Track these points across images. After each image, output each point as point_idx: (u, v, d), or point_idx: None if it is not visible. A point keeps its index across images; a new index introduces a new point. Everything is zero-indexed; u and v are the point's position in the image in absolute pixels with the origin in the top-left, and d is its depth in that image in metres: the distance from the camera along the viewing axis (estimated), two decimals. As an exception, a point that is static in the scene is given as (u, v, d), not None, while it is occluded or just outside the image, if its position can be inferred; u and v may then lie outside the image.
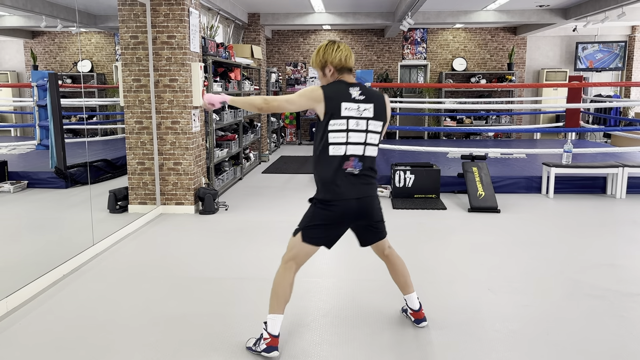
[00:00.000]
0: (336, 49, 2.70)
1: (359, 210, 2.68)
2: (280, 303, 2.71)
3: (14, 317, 3.21)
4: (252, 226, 5.31)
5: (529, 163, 8.02)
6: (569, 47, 12.93)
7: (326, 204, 2.64)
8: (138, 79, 5.66)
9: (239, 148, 8.02)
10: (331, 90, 2.63)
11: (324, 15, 10.92)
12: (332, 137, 2.59)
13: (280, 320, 2.72)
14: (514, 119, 13.06)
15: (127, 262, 4.27)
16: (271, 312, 2.72)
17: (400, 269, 3.01)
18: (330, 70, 2.71)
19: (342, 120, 2.59)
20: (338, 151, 2.60)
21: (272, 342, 2.69)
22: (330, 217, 2.66)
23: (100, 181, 6.90)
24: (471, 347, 2.83)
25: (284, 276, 2.73)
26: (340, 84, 2.67)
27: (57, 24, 5.84)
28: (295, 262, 2.74)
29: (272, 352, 2.69)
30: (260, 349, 2.71)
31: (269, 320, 2.71)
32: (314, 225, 2.69)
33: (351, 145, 2.61)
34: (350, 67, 2.72)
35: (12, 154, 6.70)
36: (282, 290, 2.71)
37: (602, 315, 3.23)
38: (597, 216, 5.73)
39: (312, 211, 2.71)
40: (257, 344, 2.73)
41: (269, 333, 2.69)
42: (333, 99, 2.60)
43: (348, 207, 2.64)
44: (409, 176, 6.53)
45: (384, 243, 2.96)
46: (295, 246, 2.73)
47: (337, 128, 2.59)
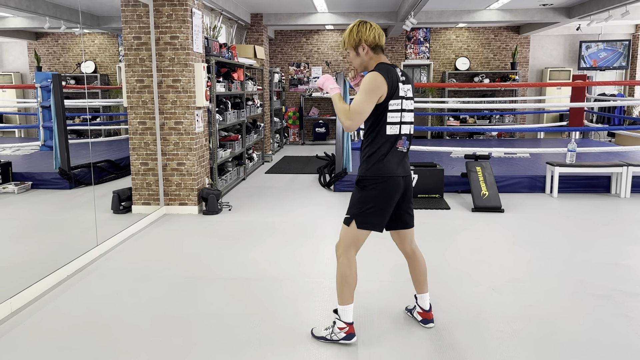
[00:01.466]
0: (369, 28, 2.73)
1: (405, 187, 2.78)
2: (351, 292, 2.80)
3: (18, 317, 3.22)
4: (255, 226, 5.32)
5: (532, 162, 8.00)
6: (573, 46, 12.89)
7: (377, 183, 2.69)
8: (141, 79, 5.67)
9: (242, 148, 8.03)
10: (386, 73, 2.66)
11: (326, 15, 10.91)
12: (390, 116, 2.68)
13: (352, 308, 2.82)
14: (517, 119, 13.03)
15: (131, 262, 4.27)
16: (343, 303, 2.80)
17: (423, 267, 3.03)
18: (364, 48, 2.74)
19: (399, 100, 2.68)
20: (394, 130, 2.70)
21: (350, 329, 2.81)
22: (381, 197, 2.70)
23: (104, 182, 6.92)
24: (475, 347, 2.82)
25: (350, 266, 2.78)
26: (387, 66, 2.71)
27: (61, 25, 5.86)
28: (355, 248, 2.80)
29: (352, 338, 2.81)
30: (340, 337, 2.81)
31: (342, 311, 2.80)
32: (367, 209, 2.72)
33: (404, 124, 2.73)
34: (382, 45, 2.77)
35: (16, 155, 6.73)
36: (352, 279, 2.79)
37: (607, 315, 3.21)
38: (602, 215, 5.71)
39: (362, 196, 2.74)
40: (334, 334, 2.82)
41: (345, 322, 2.80)
42: (392, 80, 2.65)
43: (397, 183, 2.72)
44: (412, 176, 6.51)
45: (412, 234, 2.98)
46: (350, 234, 2.77)
47: (395, 108, 2.68)
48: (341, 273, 2.78)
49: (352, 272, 2.78)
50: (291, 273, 3.98)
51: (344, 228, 2.80)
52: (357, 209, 2.74)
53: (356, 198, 2.76)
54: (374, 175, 2.70)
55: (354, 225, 2.75)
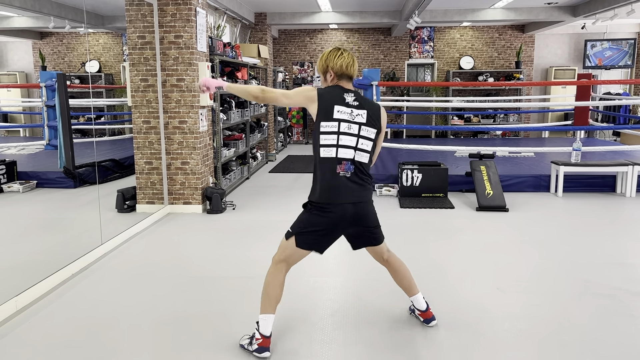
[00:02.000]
0: (339, 56, 2.71)
1: (355, 215, 2.67)
2: (271, 303, 2.72)
3: (23, 316, 3.23)
4: (259, 225, 5.32)
5: (537, 161, 7.97)
6: (578, 45, 12.84)
7: (322, 209, 2.64)
8: (145, 78, 5.68)
9: (246, 147, 8.03)
10: (326, 92, 2.69)
11: (330, 14, 10.90)
12: (323, 139, 2.63)
13: (272, 321, 2.73)
14: (522, 118, 12.98)
15: (135, 261, 4.28)
16: (262, 312, 2.73)
17: (403, 272, 3.00)
18: (331, 75, 2.73)
19: (334, 122, 2.63)
20: (329, 153, 2.62)
21: (264, 342, 2.70)
22: (325, 223, 2.65)
23: (109, 181, 6.93)
24: (480, 346, 2.81)
25: (275, 277, 2.74)
26: (335, 88, 2.71)
27: (65, 25, 5.87)
28: (286, 263, 2.76)
29: (264, 352, 2.70)
30: (252, 349, 2.72)
31: (261, 321, 2.72)
32: (309, 231, 2.69)
33: (342, 148, 2.63)
34: (350, 74, 2.73)
35: (21, 154, 6.75)
36: (273, 290, 2.73)
37: (612, 314, 3.20)
38: (607, 215, 5.68)
39: (307, 217, 2.70)
40: (250, 344, 2.74)
41: (260, 334, 2.70)
42: (326, 100, 2.64)
43: (344, 211, 2.63)
44: (416, 175, 6.51)
45: (382, 248, 2.93)
46: (288, 249, 2.73)
47: (328, 130, 2.63)
48: (266, 282, 2.76)
49: (274, 283, 2.73)
50: (294, 272, 3.97)
51: (283, 240, 2.77)
52: (299, 228, 2.71)
53: (301, 216, 2.74)
54: (316, 200, 2.65)
55: (293, 241, 2.71)
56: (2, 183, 5.89)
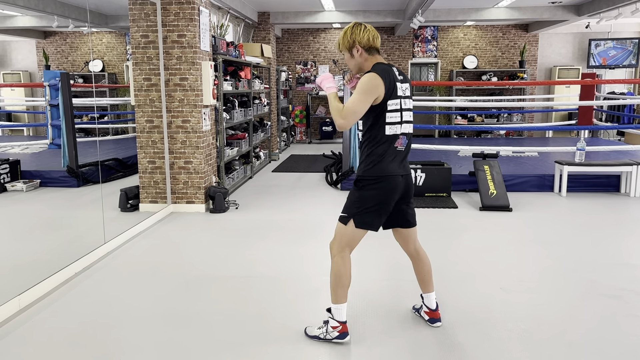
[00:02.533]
0: (364, 29, 2.71)
1: (404, 187, 2.76)
2: (345, 291, 2.78)
3: (26, 314, 3.23)
4: (262, 225, 5.31)
5: (541, 161, 7.94)
6: (582, 44, 12.79)
7: (376, 182, 2.67)
8: (149, 78, 5.68)
9: (249, 147, 8.03)
10: (383, 73, 2.63)
11: (334, 13, 10.89)
12: (390, 116, 2.66)
13: (346, 307, 2.80)
14: (525, 117, 12.95)
15: (138, 260, 4.28)
16: (336, 301, 2.78)
17: (427, 267, 3.02)
18: (359, 50, 2.73)
19: (397, 100, 2.66)
20: (393, 130, 2.67)
21: (344, 328, 2.79)
22: (380, 196, 2.69)
23: (112, 180, 6.94)
24: (484, 346, 2.80)
25: (344, 265, 2.76)
26: (384, 66, 2.69)
27: (69, 24, 5.87)
28: (350, 248, 2.78)
29: (346, 337, 2.80)
30: (333, 337, 2.80)
31: (335, 310, 2.78)
32: (366, 209, 2.71)
33: (404, 124, 2.71)
34: (377, 47, 2.75)
35: (25, 153, 6.76)
36: (347, 278, 2.77)
37: (617, 315, 3.18)
38: (611, 215, 5.66)
39: (361, 195, 2.72)
40: (326, 333, 2.81)
41: (338, 321, 2.78)
42: (390, 80, 2.63)
43: (396, 183, 2.70)
44: (419, 175, 6.50)
45: (414, 234, 2.96)
46: (347, 233, 2.75)
47: (394, 107, 2.66)
48: (335, 272, 2.76)
49: (346, 271, 2.75)
50: (298, 271, 3.97)
51: (340, 227, 2.77)
52: (356, 208, 2.72)
53: (354, 197, 2.75)
54: (373, 175, 2.68)
55: (351, 224, 2.73)
56: (5, 182, 5.91)
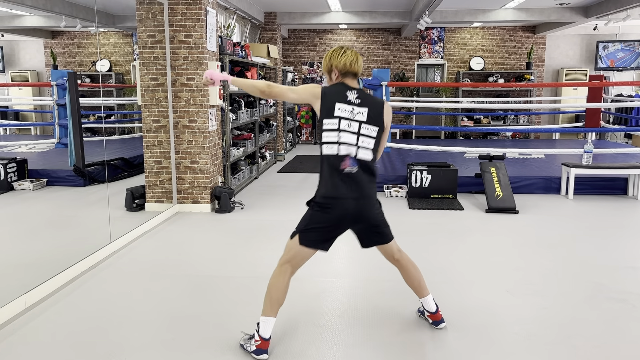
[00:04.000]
0: (342, 54, 2.72)
1: (357, 211, 2.65)
2: (273, 306, 2.71)
3: (32, 313, 3.25)
4: (267, 225, 5.31)
5: (547, 163, 7.90)
6: (590, 46, 12.72)
7: (323, 205, 2.65)
8: (155, 78, 5.69)
9: (255, 147, 8.04)
10: (329, 89, 2.71)
11: (340, 14, 10.89)
12: (325, 135, 2.66)
13: (272, 323, 2.71)
14: (532, 119, 12.89)
15: (144, 260, 4.29)
16: (264, 314, 2.72)
17: (413, 272, 2.98)
18: (336, 74, 2.75)
19: (335, 119, 2.64)
20: (331, 150, 2.65)
21: (262, 345, 2.69)
22: (327, 219, 2.65)
23: (118, 179, 6.96)
24: (489, 349, 2.78)
25: (279, 279, 2.72)
26: (339, 86, 2.72)
27: (77, 24, 5.90)
28: (291, 264, 2.74)
29: (261, 354, 2.69)
30: (251, 350, 2.72)
31: (262, 323, 2.71)
32: (311, 228, 2.69)
33: (343, 145, 2.64)
34: (354, 72, 2.73)
35: (32, 152, 6.79)
36: (276, 293, 2.71)
37: (623, 318, 3.16)
38: (618, 218, 5.62)
39: (310, 214, 2.71)
40: (249, 344, 2.74)
41: (260, 336, 2.69)
42: (328, 98, 2.67)
43: (345, 207, 2.63)
44: (425, 176, 6.48)
45: (392, 247, 2.91)
46: (292, 249, 2.73)
47: (330, 127, 2.65)
48: (270, 283, 2.74)
49: (279, 286, 2.71)
50: (303, 272, 3.95)
51: (288, 241, 2.77)
52: (303, 226, 2.71)
53: (306, 215, 2.74)
54: (321, 195, 2.66)
55: (296, 239, 2.71)
56: (13, 181, 5.94)
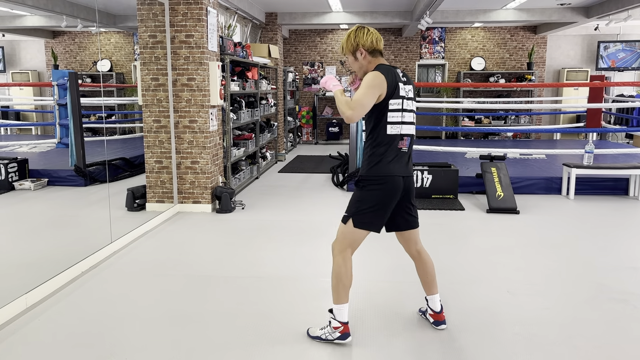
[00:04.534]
0: (367, 32, 2.74)
1: (405, 188, 2.74)
2: (346, 291, 2.78)
3: (33, 313, 3.25)
4: (268, 225, 5.31)
5: (548, 164, 7.90)
6: (591, 46, 12.71)
7: (377, 183, 2.67)
8: (156, 78, 5.69)
9: (256, 147, 8.04)
10: (387, 72, 2.67)
11: (341, 14, 10.89)
12: (391, 116, 2.67)
13: (347, 308, 2.80)
14: (533, 119, 12.88)
15: (145, 260, 4.29)
16: (338, 302, 2.78)
17: (430, 268, 3.00)
18: (362, 53, 2.75)
19: (399, 100, 2.67)
20: (395, 130, 2.68)
21: (345, 329, 2.79)
22: (380, 197, 2.68)
23: (119, 179, 6.97)
24: (490, 350, 2.78)
25: (345, 265, 2.76)
26: (387, 67, 2.71)
27: (77, 24, 5.90)
28: (351, 248, 2.79)
29: (347, 338, 2.79)
30: (334, 337, 2.79)
31: (336, 310, 2.78)
32: (365, 209, 2.71)
33: (405, 124, 2.70)
34: (380, 49, 2.77)
35: (33, 152, 6.80)
36: (347, 278, 2.76)
37: (625, 319, 3.15)
38: (619, 218, 5.61)
39: (361, 195, 2.73)
40: (328, 333, 2.80)
41: (340, 322, 2.78)
42: (392, 79, 2.66)
43: (397, 184, 2.69)
44: (426, 176, 6.48)
45: (416, 235, 2.95)
46: (348, 233, 2.76)
47: (396, 107, 2.67)
48: (336, 272, 2.77)
49: (347, 271, 2.75)
50: (304, 272, 3.96)
51: (341, 226, 2.78)
52: (356, 208, 2.73)
53: (355, 197, 2.75)
54: (374, 175, 2.69)
55: (351, 224, 2.73)
56: (14, 181, 5.94)
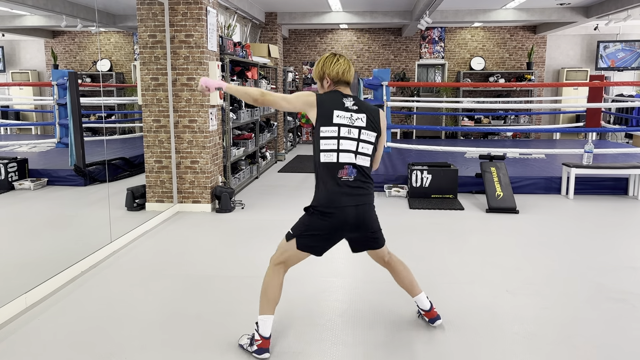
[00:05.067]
0: (335, 62, 2.71)
1: (356, 219, 2.63)
2: (270, 304, 2.72)
3: (32, 312, 3.25)
4: (268, 225, 5.32)
5: (548, 163, 7.90)
6: (590, 46, 12.72)
7: (324, 214, 2.61)
8: (156, 77, 5.70)
9: (256, 147, 8.04)
10: (325, 97, 2.68)
11: (341, 14, 10.89)
12: (324, 144, 2.61)
13: (271, 321, 2.72)
14: (533, 119, 12.89)
15: (144, 259, 4.29)
16: (262, 313, 2.72)
17: (404, 273, 2.98)
18: (328, 82, 2.74)
19: (334, 127, 2.61)
20: (330, 158, 2.60)
21: (264, 343, 2.69)
22: (327, 227, 2.63)
23: (118, 179, 6.96)
24: (489, 349, 2.79)
25: (274, 278, 2.73)
26: (334, 93, 2.70)
27: (77, 24, 5.90)
28: (285, 265, 2.75)
29: (263, 353, 2.70)
30: (252, 350, 2.71)
31: (260, 322, 2.71)
32: (310, 234, 2.67)
33: (343, 152, 2.60)
34: (347, 80, 2.73)
35: (33, 152, 6.80)
36: (272, 291, 2.72)
37: (624, 319, 3.16)
38: (619, 218, 5.62)
39: (309, 220, 2.68)
40: (250, 344, 2.74)
41: (260, 335, 2.70)
42: (325, 106, 2.64)
43: (345, 215, 2.60)
44: (426, 176, 6.48)
45: (383, 251, 2.92)
46: (288, 251, 2.72)
47: (328, 135, 2.61)
48: (265, 283, 2.74)
49: (274, 285, 2.72)
50: (303, 272, 3.96)
51: (283, 242, 2.75)
52: (300, 231, 2.69)
53: (303, 220, 2.71)
54: (319, 204, 2.63)
55: (294, 243, 2.70)
56: (13, 180, 5.94)
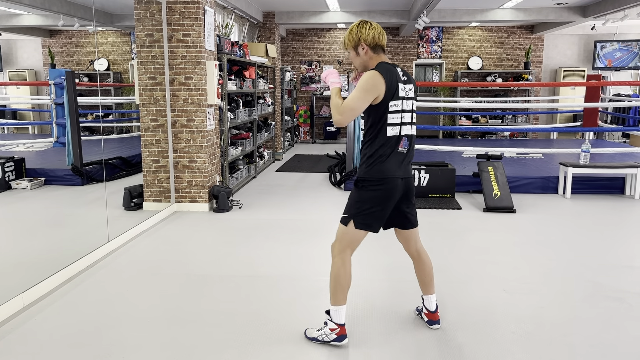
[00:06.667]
0: (369, 27, 2.70)
1: (404, 189, 2.73)
2: (344, 293, 2.77)
3: (29, 312, 3.25)
4: (265, 224, 5.32)
5: (545, 163, 7.92)
6: (587, 46, 12.74)
7: (376, 184, 2.66)
8: (153, 77, 5.69)
9: (253, 146, 8.04)
10: (386, 72, 2.61)
11: (338, 13, 10.89)
12: (391, 117, 2.64)
13: (345, 310, 2.78)
14: (530, 119, 12.91)
15: (142, 259, 4.29)
16: (335, 303, 2.77)
17: (429, 269, 3.00)
18: (364, 48, 2.72)
19: (399, 101, 2.64)
20: (394, 131, 2.65)
21: (342, 331, 2.78)
22: (380, 198, 2.67)
23: (116, 179, 6.96)
24: (486, 348, 2.79)
25: (344, 266, 2.76)
26: (388, 66, 2.67)
27: (75, 23, 5.90)
28: (351, 249, 2.78)
29: (344, 340, 2.78)
30: (331, 339, 2.78)
31: (333, 312, 2.77)
32: (365, 210, 2.70)
33: (404, 125, 2.67)
34: (383, 45, 2.74)
35: (30, 151, 6.79)
36: (345, 279, 2.76)
37: (621, 317, 3.17)
38: (616, 217, 5.64)
39: (360, 196, 2.71)
40: (325, 335, 2.79)
41: (336, 323, 2.77)
42: (392, 80, 2.61)
43: (396, 185, 2.68)
44: (423, 175, 6.49)
45: (416, 235, 2.94)
46: (347, 234, 2.75)
47: (395, 109, 2.63)
48: (335, 273, 2.76)
49: (345, 272, 2.75)
50: (301, 271, 3.97)
51: (341, 227, 2.77)
52: (355, 209, 2.72)
53: (354, 198, 2.74)
54: (372, 176, 2.67)
55: (351, 225, 2.72)
56: (10, 180, 5.93)
